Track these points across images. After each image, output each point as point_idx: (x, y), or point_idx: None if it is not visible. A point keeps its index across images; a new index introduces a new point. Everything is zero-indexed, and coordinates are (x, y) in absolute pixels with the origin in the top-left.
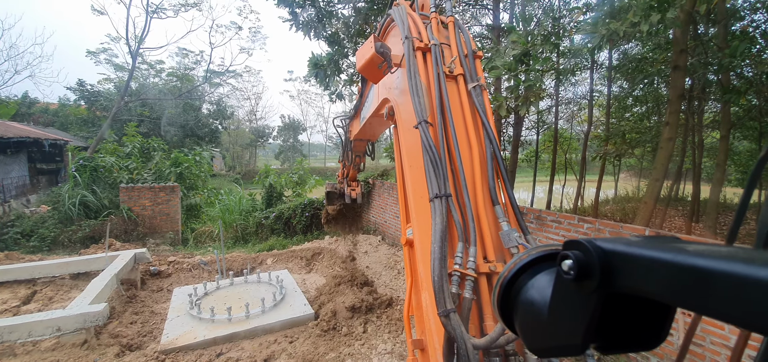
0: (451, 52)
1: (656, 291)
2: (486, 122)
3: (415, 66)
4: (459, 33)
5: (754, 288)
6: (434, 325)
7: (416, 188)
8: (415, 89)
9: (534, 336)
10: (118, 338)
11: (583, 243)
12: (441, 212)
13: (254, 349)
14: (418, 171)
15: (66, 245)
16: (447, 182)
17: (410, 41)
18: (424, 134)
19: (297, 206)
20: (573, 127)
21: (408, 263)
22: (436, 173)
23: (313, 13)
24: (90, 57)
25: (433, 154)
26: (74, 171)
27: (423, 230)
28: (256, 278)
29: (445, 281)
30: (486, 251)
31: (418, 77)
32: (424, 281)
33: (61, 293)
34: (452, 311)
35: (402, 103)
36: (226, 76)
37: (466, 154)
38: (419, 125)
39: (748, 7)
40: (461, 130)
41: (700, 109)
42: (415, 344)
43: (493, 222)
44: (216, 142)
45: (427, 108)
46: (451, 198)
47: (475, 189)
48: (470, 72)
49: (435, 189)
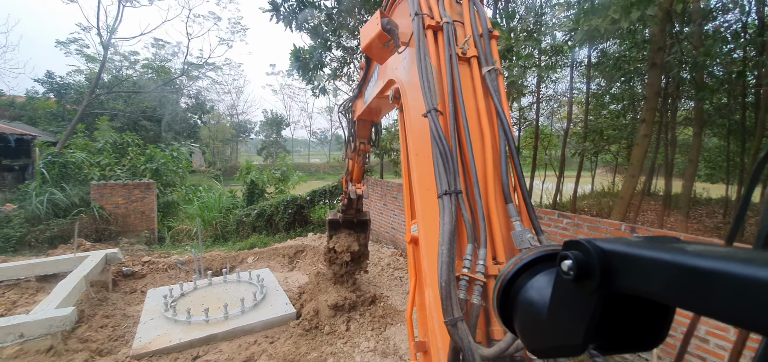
0: (465, 31)
1: (656, 292)
2: (501, 110)
3: (425, 47)
4: (474, 9)
5: (754, 288)
6: (438, 327)
7: (423, 180)
8: (424, 73)
9: (533, 337)
10: (87, 343)
11: (582, 243)
12: (450, 211)
13: (233, 351)
14: (425, 160)
15: (33, 245)
16: (457, 177)
17: (420, 18)
18: (434, 124)
19: (280, 203)
20: (553, 123)
21: (412, 262)
22: (446, 167)
23: (294, 3)
24: (59, 47)
25: (443, 146)
26: (42, 167)
27: (429, 225)
28: (235, 277)
29: (453, 286)
30: (496, 252)
31: (428, 59)
32: (429, 278)
33: (26, 296)
34: (460, 319)
35: (410, 88)
36: (205, 68)
37: (477, 146)
38: (428, 114)
39: (720, 8)
40: (473, 120)
41: (674, 106)
42: (418, 347)
43: (504, 220)
44: (195, 137)
45: (437, 94)
46: (461, 195)
47: (486, 185)
48: (485, 54)
49: (444, 186)
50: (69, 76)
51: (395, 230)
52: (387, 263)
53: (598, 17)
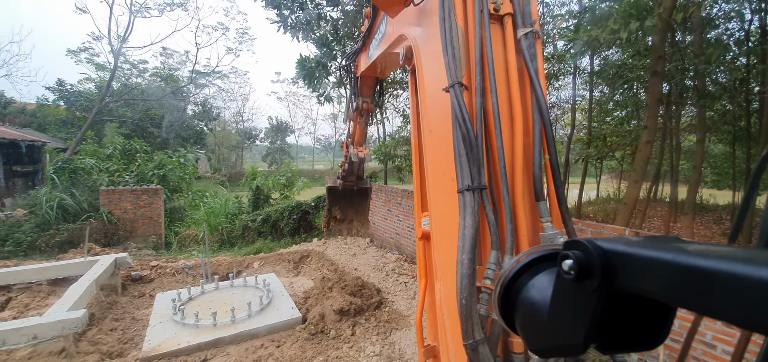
0: None
1: (657, 291)
2: (537, 84)
3: (451, 1)
4: None
5: (755, 288)
6: (449, 323)
7: (437, 163)
8: (448, 36)
9: (535, 336)
10: (97, 345)
11: (583, 243)
12: (473, 210)
13: (240, 354)
14: (441, 140)
15: (43, 250)
16: (482, 170)
17: None
18: (458, 102)
19: (285, 209)
20: (557, 130)
21: (422, 261)
22: (470, 157)
23: (302, 15)
24: (70, 56)
25: (467, 130)
26: (52, 173)
27: (443, 214)
28: (242, 282)
29: (474, 303)
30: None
31: (454, 18)
32: (440, 271)
33: (38, 300)
34: (481, 342)
35: (426, 51)
36: (212, 76)
37: (507, 130)
38: (451, 89)
39: (722, 17)
40: (504, 96)
41: (678, 113)
42: (427, 352)
43: (531, 220)
44: (201, 143)
45: (463, 64)
46: (485, 191)
47: (513, 177)
48: (522, 11)
49: (467, 180)
50: (80, 83)
51: (399, 236)
52: (392, 268)
53: (598, 28)
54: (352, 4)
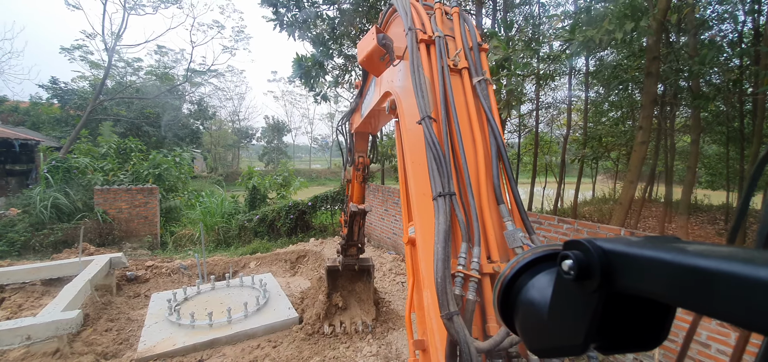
0: (456, 45)
1: (657, 292)
2: (491, 118)
3: (418, 59)
4: (464, 24)
5: (755, 288)
6: (436, 325)
7: (419, 185)
8: (418, 84)
9: (535, 337)
10: (92, 346)
11: (583, 243)
12: (444, 211)
13: (236, 355)
14: (420, 167)
15: (37, 250)
16: (451, 180)
17: (413, 33)
18: (428, 130)
19: (281, 208)
20: (553, 130)
21: (409, 262)
22: (440, 171)
23: (298, 13)
24: (64, 54)
25: (436, 150)
26: (46, 172)
27: (425, 228)
28: (238, 282)
29: (449, 282)
30: (490, 251)
31: (421, 71)
32: (426, 280)
33: (32, 300)
34: (455, 313)
35: (404, 98)
36: (208, 75)
37: (470, 151)
38: (422, 121)
39: (716, 18)
40: (465, 126)
41: (672, 114)
42: (417, 344)
43: (497, 221)
44: (197, 142)
45: (430, 103)
46: (454, 196)
47: (479, 187)
48: (475, 65)
49: (438, 188)
50: (73, 82)
51: (396, 236)
52: (389, 268)
53: (594, 28)
54: (349, 2)
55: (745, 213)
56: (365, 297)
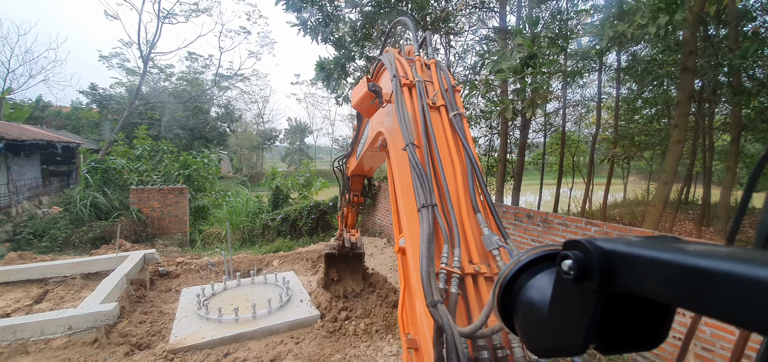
0: (434, 87)
1: (656, 292)
2: (466, 145)
3: (402, 99)
4: (440, 72)
5: (754, 288)
6: (429, 332)
7: (407, 204)
8: (402, 118)
9: (534, 336)
10: (127, 337)
11: (582, 243)
12: (428, 219)
13: (261, 350)
14: (407, 189)
15: (77, 246)
16: (432, 194)
17: (398, 79)
18: (411, 154)
19: (303, 208)
20: (581, 129)
21: (401, 269)
22: (423, 186)
23: (321, 17)
24: (102, 61)
25: (419, 170)
26: (86, 173)
27: (413, 241)
28: (262, 279)
29: (433, 276)
30: (470, 254)
31: (405, 108)
32: (417, 291)
33: (72, 292)
34: (439, 302)
35: (392, 132)
36: (235, 79)
37: (449, 171)
38: (407, 147)
39: (760, 8)
40: (445, 151)
41: (711, 111)
42: (410, 343)
43: (476, 228)
44: (224, 144)
45: (413, 133)
46: (436, 207)
47: (459, 200)
48: (451, 103)
49: (421, 200)
50: (111, 87)
51: None
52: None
53: (625, 23)
54: (371, 4)
55: (744, 212)
56: (356, 272)
